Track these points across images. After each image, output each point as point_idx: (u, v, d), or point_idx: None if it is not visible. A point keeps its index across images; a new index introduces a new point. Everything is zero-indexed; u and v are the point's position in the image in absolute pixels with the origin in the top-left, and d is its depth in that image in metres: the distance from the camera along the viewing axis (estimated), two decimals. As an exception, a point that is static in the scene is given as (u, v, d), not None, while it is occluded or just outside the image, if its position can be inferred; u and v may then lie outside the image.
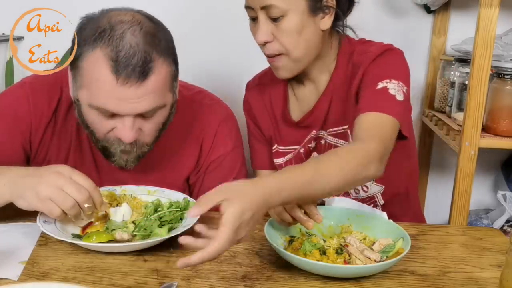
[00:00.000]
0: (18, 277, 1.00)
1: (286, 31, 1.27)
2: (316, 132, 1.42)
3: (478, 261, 1.16)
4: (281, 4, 1.25)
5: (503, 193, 2.07)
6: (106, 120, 1.16)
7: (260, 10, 1.27)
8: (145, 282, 1.01)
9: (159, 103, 1.16)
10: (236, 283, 1.03)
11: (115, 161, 1.23)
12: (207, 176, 1.37)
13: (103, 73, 1.10)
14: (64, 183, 1.06)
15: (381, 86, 1.25)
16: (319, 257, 1.09)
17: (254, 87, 1.53)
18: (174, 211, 1.20)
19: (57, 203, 1.06)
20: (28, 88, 1.30)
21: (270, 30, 1.28)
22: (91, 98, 1.14)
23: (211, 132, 1.37)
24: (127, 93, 1.11)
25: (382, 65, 1.30)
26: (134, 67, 1.09)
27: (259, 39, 1.29)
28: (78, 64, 1.15)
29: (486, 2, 1.65)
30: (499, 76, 1.79)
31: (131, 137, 1.16)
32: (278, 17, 1.26)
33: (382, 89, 1.25)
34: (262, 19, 1.28)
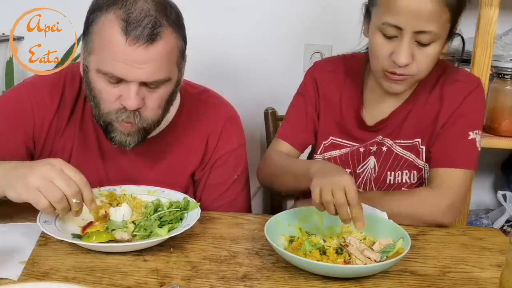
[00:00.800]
0: (18, 277, 1.00)
1: (428, 56, 1.25)
2: (382, 137, 1.40)
3: (478, 261, 1.16)
4: (438, 32, 1.22)
5: (503, 193, 2.07)
6: (113, 87, 1.17)
7: (412, 33, 1.22)
8: (145, 282, 1.01)
9: (164, 75, 1.18)
10: (236, 283, 1.03)
11: (115, 137, 1.23)
12: (212, 173, 1.38)
13: (113, 32, 1.13)
14: (54, 175, 1.06)
15: (472, 137, 1.34)
16: (319, 257, 1.09)
17: (328, 72, 1.47)
18: (174, 211, 1.20)
19: (45, 195, 1.05)
20: (30, 87, 1.32)
21: (412, 52, 1.24)
22: (100, 62, 1.16)
23: (218, 129, 1.38)
24: (134, 55, 1.13)
25: (472, 110, 1.35)
26: (144, 29, 1.12)
27: (403, 61, 1.23)
28: (90, 30, 1.18)
29: (486, 2, 1.65)
30: (499, 76, 1.79)
31: (135, 104, 1.16)
32: (428, 43, 1.24)
33: (471, 142, 1.33)
34: (408, 41, 1.23)
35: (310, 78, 1.49)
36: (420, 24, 1.21)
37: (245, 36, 2.03)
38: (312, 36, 2.03)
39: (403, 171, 1.39)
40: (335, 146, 1.45)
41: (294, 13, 2.01)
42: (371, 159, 1.41)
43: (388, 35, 1.24)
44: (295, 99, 1.52)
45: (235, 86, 2.03)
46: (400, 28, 1.22)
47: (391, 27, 1.23)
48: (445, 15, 1.22)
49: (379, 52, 1.27)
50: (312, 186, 1.12)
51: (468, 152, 1.33)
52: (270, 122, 2.02)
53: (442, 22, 1.22)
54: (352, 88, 1.43)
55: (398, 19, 1.21)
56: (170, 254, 1.12)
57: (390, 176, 1.40)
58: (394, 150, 1.39)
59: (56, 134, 1.32)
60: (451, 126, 1.34)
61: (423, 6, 1.19)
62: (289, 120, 1.51)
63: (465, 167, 1.32)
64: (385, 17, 1.23)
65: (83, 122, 1.33)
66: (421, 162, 1.38)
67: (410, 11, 1.20)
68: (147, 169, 1.35)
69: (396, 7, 1.21)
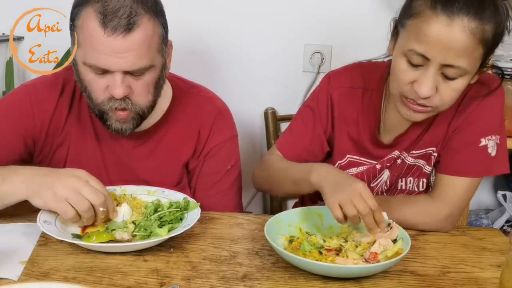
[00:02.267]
0: (18, 277, 1.00)
1: (454, 90, 1.17)
2: (399, 152, 1.36)
3: (478, 261, 1.16)
4: (467, 68, 1.13)
5: (503, 193, 2.07)
6: (99, 78, 1.22)
7: (439, 65, 1.13)
8: (145, 282, 1.01)
9: (146, 62, 1.21)
10: (236, 283, 1.03)
11: (111, 125, 1.27)
12: (206, 162, 1.42)
13: (92, 26, 1.17)
14: (81, 186, 1.10)
15: (483, 144, 1.27)
16: (318, 257, 1.09)
17: (345, 89, 1.38)
18: (174, 211, 1.20)
19: (73, 205, 1.09)
20: (31, 89, 1.35)
21: (436, 84, 1.16)
22: (85, 55, 1.20)
23: (209, 120, 1.41)
24: (114, 46, 1.17)
25: (488, 115, 1.28)
26: (120, 19, 1.16)
27: (425, 93, 1.15)
28: (75, 24, 1.22)
29: (486, 2, 1.65)
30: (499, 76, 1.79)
31: (121, 92, 1.20)
32: (455, 78, 1.15)
33: (481, 149, 1.27)
34: (434, 73, 1.14)
35: (326, 95, 1.39)
36: (449, 58, 1.11)
37: (245, 36, 2.03)
38: (312, 36, 2.03)
39: (415, 179, 1.37)
40: (352, 164, 1.40)
41: (294, 13, 2.01)
42: (385, 172, 1.38)
43: (413, 63, 1.16)
44: (305, 112, 1.42)
45: (235, 86, 2.03)
46: (427, 58, 1.13)
47: (418, 56, 1.14)
48: (478, 52, 1.12)
49: (401, 78, 1.19)
50: (329, 204, 1.12)
51: (476, 160, 1.27)
52: (270, 122, 2.02)
53: (474, 58, 1.13)
54: (371, 105, 1.36)
55: (426, 49, 1.12)
56: (170, 254, 1.12)
57: (401, 183, 1.39)
58: (407, 162, 1.36)
59: (56, 131, 1.35)
60: (462, 132, 1.29)
61: (455, 39, 1.09)
62: (293, 133, 1.43)
63: (470, 176, 1.28)
64: (413, 43, 1.14)
65: (80, 116, 1.36)
66: (429, 168, 1.35)
67: (440, 42, 1.10)
68: (143, 160, 1.39)
69: (426, 36, 1.12)
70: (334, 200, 1.10)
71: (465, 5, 1.09)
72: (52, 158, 1.37)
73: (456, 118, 1.29)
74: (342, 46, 2.02)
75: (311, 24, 2.01)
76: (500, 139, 1.29)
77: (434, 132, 1.32)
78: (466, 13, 1.09)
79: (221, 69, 2.05)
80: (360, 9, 1.97)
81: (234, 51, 2.06)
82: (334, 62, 2.02)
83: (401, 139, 1.34)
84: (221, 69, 2.05)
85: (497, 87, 1.29)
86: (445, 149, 1.31)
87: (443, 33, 1.10)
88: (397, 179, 1.38)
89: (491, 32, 1.12)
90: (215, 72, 2.07)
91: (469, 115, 1.28)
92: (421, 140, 1.33)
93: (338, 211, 1.09)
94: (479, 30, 1.10)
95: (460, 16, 1.09)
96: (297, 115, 1.44)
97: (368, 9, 2.00)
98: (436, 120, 1.31)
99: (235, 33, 2.03)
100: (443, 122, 1.31)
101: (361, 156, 1.38)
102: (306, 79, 2.06)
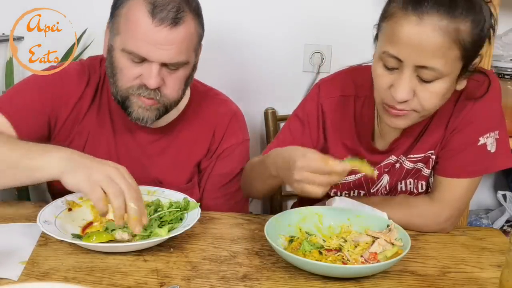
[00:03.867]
0: (18, 277, 1.00)
1: (432, 94, 1.13)
2: (396, 158, 1.33)
3: (478, 261, 1.16)
4: (442, 69, 1.09)
5: (503, 193, 2.07)
6: (135, 66, 1.25)
7: (413, 66, 1.10)
8: (145, 282, 1.01)
9: (184, 58, 1.26)
10: (236, 283, 1.03)
11: (132, 112, 1.29)
12: (218, 163, 1.44)
13: (140, 14, 1.22)
14: (117, 176, 1.07)
15: (482, 142, 1.25)
16: (318, 257, 1.09)
17: (336, 98, 1.35)
18: (174, 211, 1.20)
19: (105, 189, 1.05)
20: (62, 71, 1.36)
21: (412, 87, 1.12)
22: (126, 42, 1.24)
23: (224, 122, 1.45)
24: (158, 36, 1.21)
25: (484, 113, 1.25)
26: (168, 12, 1.22)
27: (400, 98, 1.12)
28: (118, 12, 1.26)
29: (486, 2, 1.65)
30: (499, 76, 1.79)
31: (155, 83, 1.24)
32: (431, 80, 1.11)
33: (480, 148, 1.25)
34: (409, 76, 1.11)
35: (316, 106, 1.36)
36: (422, 59, 1.08)
37: (245, 36, 2.03)
38: (312, 36, 2.03)
39: (414, 180, 1.36)
40: (349, 173, 1.34)
41: (294, 13, 2.01)
42: (384, 177, 1.37)
43: (388, 67, 1.14)
44: (294, 122, 1.39)
45: (235, 86, 2.03)
46: (401, 60, 1.10)
47: (392, 58, 1.12)
48: (453, 52, 1.08)
49: (378, 83, 1.17)
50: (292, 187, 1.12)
51: (475, 160, 1.26)
52: (270, 122, 2.03)
53: (450, 59, 1.09)
54: (363, 112, 1.33)
55: (399, 50, 1.10)
56: (170, 254, 1.12)
57: (401, 185, 1.37)
58: (406, 166, 1.34)
59: (76, 119, 1.38)
60: (460, 133, 1.27)
61: (426, 39, 1.07)
62: (280, 144, 1.33)
63: (470, 176, 1.27)
64: (387, 46, 1.12)
65: (100, 108, 1.40)
66: (428, 170, 1.33)
67: (411, 42, 1.08)
68: (156, 156, 1.42)
69: (398, 37, 1.09)
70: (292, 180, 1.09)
71: (435, 4, 1.06)
72: (69, 146, 1.34)
73: (453, 120, 1.27)
74: (342, 46, 2.02)
75: (311, 24, 2.01)
76: (500, 133, 1.26)
77: (431, 135, 1.30)
78: (436, 12, 1.06)
79: (221, 69, 2.05)
80: (360, 9, 1.97)
81: (234, 51, 2.06)
82: (334, 62, 2.03)
83: (397, 144, 1.32)
84: (221, 69, 2.05)
85: (491, 82, 1.26)
86: (443, 151, 1.30)
87: (414, 33, 1.07)
88: (396, 182, 1.37)
89: (467, 32, 1.08)
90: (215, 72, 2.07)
91: (466, 116, 1.26)
92: (417, 144, 1.31)
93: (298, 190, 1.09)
94: (451, 29, 1.06)
95: (430, 15, 1.06)
96: (286, 125, 1.41)
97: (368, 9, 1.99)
98: (432, 123, 1.29)
99: (235, 33, 2.03)
100: (440, 124, 1.29)
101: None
102: (306, 79, 2.06)
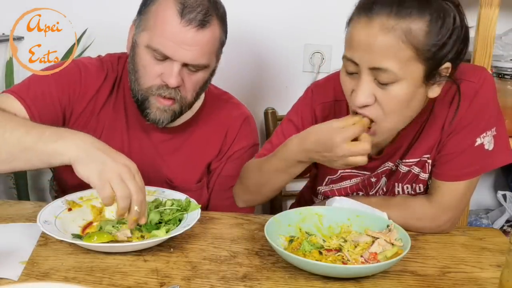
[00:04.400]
0: (18, 277, 1.00)
1: (393, 98, 1.11)
2: (393, 164, 1.32)
3: (478, 261, 1.16)
4: (396, 71, 1.08)
5: (503, 193, 2.07)
6: (157, 64, 1.28)
7: (368, 69, 1.10)
8: (145, 282, 1.01)
9: (206, 60, 1.30)
10: (236, 283, 1.03)
11: (150, 114, 1.32)
12: (227, 165, 1.47)
13: (170, 13, 1.25)
14: (128, 177, 1.08)
15: (479, 142, 1.23)
16: (318, 257, 1.09)
17: (329, 103, 1.35)
18: (175, 209, 1.20)
19: (114, 189, 1.06)
20: (81, 65, 1.40)
21: (372, 92, 1.11)
22: (151, 39, 1.27)
23: (236, 125, 1.48)
24: (185, 36, 1.25)
25: (480, 112, 1.23)
26: (197, 14, 1.25)
27: (359, 102, 1.11)
28: (147, 9, 1.30)
29: (486, 2, 1.65)
30: (499, 76, 1.79)
31: (175, 82, 1.27)
32: (388, 83, 1.10)
33: (477, 148, 1.23)
34: (366, 79, 1.11)
35: (309, 111, 1.36)
36: (373, 60, 1.08)
37: (245, 35, 2.03)
38: (312, 36, 2.03)
39: (412, 184, 1.34)
40: (345, 178, 1.37)
41: (294, 13, 2.01)
42: (382, 180, 1.36)
43: (348, 71, 1.14)
44: (287, 127, 1.37)
45: (235, 86, 2.03)
46: (357, 64, 1.11)
47: (349, 62, 1.12)
48: (405, 53, 1.07)
49: (344, 89, 1.17)
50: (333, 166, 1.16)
51: (473, 161, 1.24)
52: (270, 122, 2.02)
53: (403, 60, 1.07)
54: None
55: (352, 53, 1.11)
56: (170, 254, 1.12)
57: (398, 188, 1.36)
58: (401, 171, 1.32)
59: (91, 114, 1.40)
60: (457, 136, 1.24)
61: (374, 39, 1.08)
62: (274, 145, 1.35)
63: (468, 178, 1.25)
64: (345, 50, 1.14)
65: (116, 105, 1.42)
66: (425, 175, 1.31)
67: (361, 44, 1.09)
68: (168, 156, 1.44)
69: (351, 40, 1.12)
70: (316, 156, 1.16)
71: (384, 5, 1.08)
72: None
73: (449, 123, 1.25)
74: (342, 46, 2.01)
75: (311, 24, 2.01)
76: (497, 129, 1.24)
77: (426, 139, 1.28)
78: (384, 13, 1.07)
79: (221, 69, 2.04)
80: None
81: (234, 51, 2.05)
82: (334, 62, 2.02)
83: (391, 150, 1.30)
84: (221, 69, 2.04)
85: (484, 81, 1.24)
86: (439, 155, 1.27)
87: (363, 34, 1.09)
88: (393, 184, 1.37)
89: (420, 32, 1.07)
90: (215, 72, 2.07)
91: (462, 118, 1.23)
92: (412, 148, 1.29)
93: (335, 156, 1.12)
94: (400, 28, 1.06)
95: (379, 15, 1.08)
96: (279, 129, 1.39)
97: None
98: (427, 127, 1.27)
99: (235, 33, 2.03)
100: (435, 128, 1.27)
101: (353, 169, 1.33)
102: (306, 79, 2.06)
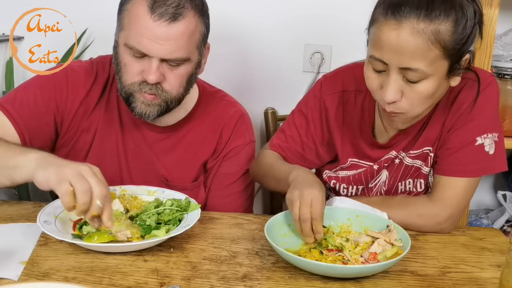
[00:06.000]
0: (18, 277, 1.00)
1: (420, 94, 1.15)
2: (396, 153, 1.35)
3: (478, 261, 1.16)
4: (427, 70, 1.12)
5: (503, 193, 2.07)
6: (136, 62, 1.28)
7: (397, 69, 1.13)
8: (145, 282, 1.01)
9: (183, 54, 1.28)
10: (236, 283, 1.03)
11: (136, 108, 1.32)
12: (224, 163, 1.47)
13: (141, 10, 1.25)
14: (87, 173, 1.06)
15: (479, 142, 1.26)
16: (318, 257, 1.09)
17: (338, 94, 1.38)
18: (174, 209, 1.20)
19: (73, 183, 1.04)
20: (68, 69, 1.39)
21: (400, 88, 1.15)
22: (128, 37, 1.28)
23: (232, 123, 1.47)
24: (157, 31, 1.24)
25: (481, 113, 1.26)
26: (168, 7, 1.24)
27: (389, 99, 1.15)
28: (123, 8, 1.30)
29: (486, 2, 1.65)
30: (499, 76, 1.79)
31: (154, 78, 1.27)
32: (416, 81, 1.14)
33: (478, 148, 1.26)
34: (395, 78, 1.14)
35: (319, 102, 1.39)
36: (404, 61, 1.12)
37: (244, 35, 2.03)
38: (312, 36, 2.03)
39: (414, 179, 1.36)
40: (354, 167, 1.40)
41: (294, 13, 2.01)
42: (383, 172, 1.37)
43: (376, 69, 1.17)
44: (299, 117, 1.42)
45: (235, 86, 2.03)
46: (386, 63, 1.14)
47: (378, 61, 1.15)
48: (434, 53, 1.11)
49: (371, 85, 1.21)
50: (286, 198, 1.15)
51: (473, 160, 1.26)
52: (270, 122, 2.02)
53: (432, 59, 1.11)
54: (364, 106, 1.36)
55: (382, 54, 1.14)
56: (170, 254, 1.12)
57: (401, 186, 1.38)
58: (405, 162, 1.34)
59: (84, 115, 1.40)
60: (457, 132, 1.28)
61: (404, 42, 1.10)
62: (286, 135, 1.42)
63: (468, 175, 1.27)
64: (372, 50, 1.16)
65: (109, 105, 1.42)
66: (427, 168, 1.34)
67: (391, 46, 1.12)
68: (163, 153, 1.44)
69: (380, 41, 1.14)
70: (288, 196, 1.14)
71: (413, 8, 1.10)
72: (77, 142, 1.40)
73: (450, 118, 1.29)
74: (342, 46, 2.02)
75: (311, 24, 2.01)
76: (499, 136, 1.28)
77: (429, 131, 1.31)
78: (414, 16, 1.10)
79: (221, 69, 2.05)
80: (360, 9, 1.96)
81: (234, 51, 2.06)
82: (334, 62, 2.02)
83: (398, 139, 1.34)
84: (221, 69, 2.05)
85: (489, 84, 1.28)
86: (441, 149, 1.30)
87: (393, 37, 1.11)
88: (395, 182, 1.37)
89: (448, 32, 1.11)
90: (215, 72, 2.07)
91: (463, 115, 1.27)
92: (418, 139, 1.32)
93: (290, 207, 1.13)
94: (429, 30, 1.10)
95: (408, 19, 1.10)
96: (291, 120, 1.43)
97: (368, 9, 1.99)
98: (431, 120, 1.30)
99: (235, 33, 2.03)
100: (437, 122, 1.30)
101: (360, 159, 1.38)
102: (306, 79, 2.06)
